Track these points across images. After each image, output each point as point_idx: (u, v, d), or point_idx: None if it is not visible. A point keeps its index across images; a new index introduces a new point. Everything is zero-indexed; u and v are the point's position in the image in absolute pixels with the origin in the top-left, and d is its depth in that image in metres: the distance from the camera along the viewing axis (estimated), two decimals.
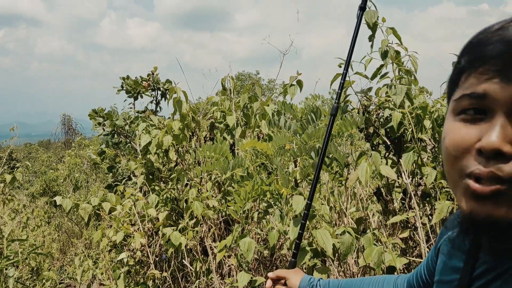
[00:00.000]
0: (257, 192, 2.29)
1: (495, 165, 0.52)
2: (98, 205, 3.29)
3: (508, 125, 0.53)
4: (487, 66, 0.55)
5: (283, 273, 1.29)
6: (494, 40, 0.55)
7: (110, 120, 4.92)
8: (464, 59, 0.59)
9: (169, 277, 3.08)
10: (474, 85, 0.56)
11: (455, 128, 0.58)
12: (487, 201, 0.53)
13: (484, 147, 0.53)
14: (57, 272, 5.36)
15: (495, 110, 0.54)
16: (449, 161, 0.59)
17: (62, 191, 8.95)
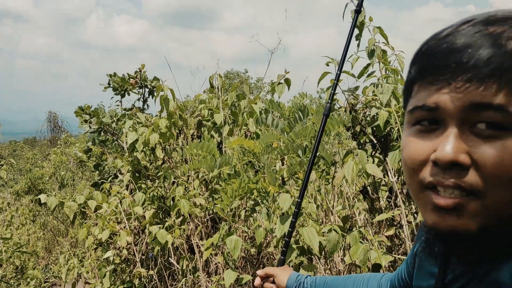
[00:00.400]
0: (244, 190, 2.29)
1: (452, 175, 0.52)
2: (84, 203, 3.26)
3: (462, 134, 0.52)
4: (435, 75, 0.54)
5: (271, 271, 1.29)
6: (441, 48, 0.54)
7: (97, 117, 4.87)
8: (414, 69, 0.58)
9: (155, 275, 3.06)
10: (425, 97, 0.55)
11: (411, 141, 0.58)
12: (449, 213, 0.53)
13: (439, 159, 0.52)
14: (42, 271, 5.30)
15: (447, 120, 0.53)
16: (408, 173, 0.59)
17: (48, 189, 8.85)
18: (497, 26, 0.52)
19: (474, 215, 0.52)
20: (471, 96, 0.50)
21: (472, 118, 0.51)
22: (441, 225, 0.54)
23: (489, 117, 0.50)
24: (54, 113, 17.92)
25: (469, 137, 0.52)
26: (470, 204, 0.52)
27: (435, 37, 0.56)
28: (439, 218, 0.54)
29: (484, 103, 0.50)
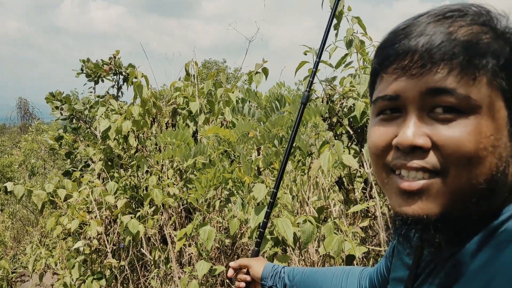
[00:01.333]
0: (219, 180, 2.25)
1: (414, 158, 0.55)
2: (53, 192, 3.16)
3: (421, 119, 0.55)
4: (393, 65, 0.57)
5: (246, 262, 1.26)
6: (398, 39, 0.57)
7: (68, 104, 4.73)
8: (375, 62, 0.61)
9: (127, 266, 3.00)
10: (386, 87, 0.58)
11: (375, 129, 0.61)
12: (414, 197, 0.55)
13: (400, 143, 0.55)
14: (10, 261, 5.15)
15: (407, 107, 0.56)
16: (373, 161, 0.62)
17: (17, 177, 8.59)
18: (448, 16, 0.56)
19: (438, 197, 0.54)
20: (426, 81, 0.54)
21: (429, 103, 0.54)
22: (406, 210, 0.56)
23: (444, 101, 0.53)
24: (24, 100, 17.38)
25: (428, 121, 0.55)
26: (433, 185, 0.54)
27: (394, 30, 0.60)
28: (404, 202, 0.56)
29: (439, 88, 0.53)
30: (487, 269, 0.52)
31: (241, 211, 2.24)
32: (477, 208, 0.55)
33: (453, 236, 0.57)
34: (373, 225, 2.35)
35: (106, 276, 2.90)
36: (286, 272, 1.18)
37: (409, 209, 0.56)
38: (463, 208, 0.55)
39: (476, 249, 0.54)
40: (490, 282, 0.50)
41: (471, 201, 0.55)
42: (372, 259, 2.35)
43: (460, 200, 0.54)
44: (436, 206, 0.54)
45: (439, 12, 0.57)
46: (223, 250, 2.82)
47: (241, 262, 1.26)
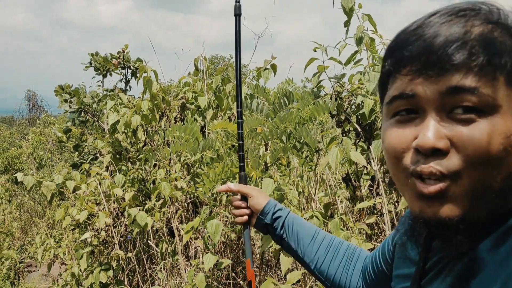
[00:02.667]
0: (227, 174, 2.27)
1: (434, 161, 0.54)
2: (62, 183, 3.19)
3: (440, 121, 0.54)
4: (408, 67, 0.56)
5: (247, 190, 1.15)
6: (412, 40, 0.56)
7: (77, 97, 4.76)
8: (387, 63, 0.60)
9: (133, 258, 3.03)
10: (401, 87, 0.57)
11: (391, 131, 0.59)
12: (433, 200, 0.55)
13: (421, 145, 0.54)
14: (17, 251, 5.22)
15: (425, 108, 0.55)
16: (391, 164, 0.60)
17: (25, 169, 8.67)
18: (461, 15, 0.55)
19: (456, 199, 0.54)
20: (445, 81, 0.53)
21: (449, 103, 0.54)
22: (427, 213, 0.55)
23: (465, 100, 0.52)
24: (33, 92, 17.49)
25: (447, 122, 0.54)
26: (451, 188, 0.54)
27: (405, 31, 0.58)
28: (424, 206, 0.56)
29: (458, 87, 0.52)
30: (505, 266, 0.52)
31: None
32: (496, 207, 0.55)
33: (472, 234, 0.56)
34: (379, 222, 2.36)
35: (113, 267, 2.93)
36: (287, 223, 1.10)
37: (430, 212, 0.55)
38: (483, 208, 0.55)
39: (494, 246, 0.54)
40: (509, 281, 0.50)
41: (491, 200, 0.54)
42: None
43: (480, 200, 0.54)
44: (457, 208, 0.54)
45: (450, 11, 0.56)
46: (229, 244, 2.84)
47: (241, 188, 1.17)
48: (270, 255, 2.83)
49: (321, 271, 1.03)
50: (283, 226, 1.09)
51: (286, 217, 1.10)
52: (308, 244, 1.06)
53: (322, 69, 2.30)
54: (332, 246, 1.05)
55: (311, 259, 1.05)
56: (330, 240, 1.06)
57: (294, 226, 1.08)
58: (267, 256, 2.86)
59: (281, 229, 1.09)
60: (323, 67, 2.28)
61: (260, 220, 1.12)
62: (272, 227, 1.11)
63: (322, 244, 1.05)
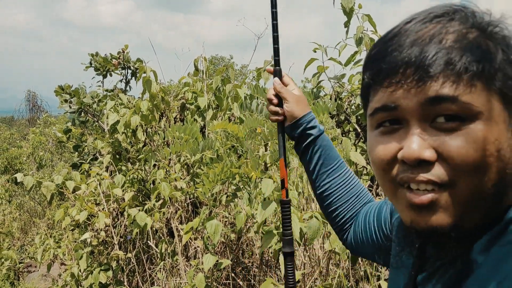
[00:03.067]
0: (226, 175, 2.27)
1: (421, 171, 0.54)
2: (62, 183, 3.19)
3: (424, 130, 0.54)
4: (388, 79, 0.55)
5: (285, 94, 1.06)
6: (389, 51, 0.56)
7: (77, 97, 4.77)
8: (367, 75, 0.60)
9: (133, 258, 3.03)
10: (383, 99, 0.57)
11: (376, 142, 0.59)
12: (424, 210, 0.55)
13: (406, 157, 0.54)
14: (17, 252, 5.22)
15: (408, 119, 0.55)
16: (379, 175, 0.60)
17: (25, 169, 8.67)
18: (436, 22, 0.55)
19: (448, 208, 0.54)
20: (425, 92, 0.52)
21: (430, 113, 0.53)
22: (419, 222, 0.56)
23: (446, 109, 0.52)
24: (33, 92, 17.50)
25: (431, 132, 0.54)
26: (442, 197, 0.53)
27: (382, 40, 0.58)
28: (416, 216, 0.56)
29: (438, 96, 0.52)
30: (499, 268, 0.52)
31: (248, 206, 2.26)
32: (489, 211, 0.55)
33: (465, 238, 0.57)
34: None
35: (112, 268, 2.93)
36: (317, 142, 1.02)
37: (422, 222, 0.55)
38: (475, 214, 0.55)
39: (487, 247, 0.54)
40: (503, 283, 0.51)
41: (483, 206, 0.54)
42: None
43: (471, 207, 0.54)
44: (448, 216, 0.54)
45: (425, 17, 0.56)
46: (228, 244, 2.84)
47: (283, 91, 1.06)
48: (270, 256, 2.83)
49: (324, 199, 1.02)
50: (308, 145, 1.03)
51: (315, 138, 1.03)
52: (324, 172, 1.02)
53: (321, 69, 2.30)
54: (347, 183, 1.01)
55: (322, 186, 1.02)
56: (347, 177, 1.02)
57: (319, 150, 1.02)
58: (266, 257, 2.86)
59: (306, 147, 1.03)
60: (322, 68, 2.28)
61: (288, 129, 1.06)
62: (298, 140, 1.05)
63: (338, 177, 1.01)
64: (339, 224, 1.01)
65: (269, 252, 2.78)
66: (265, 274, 2.79)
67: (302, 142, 1.04)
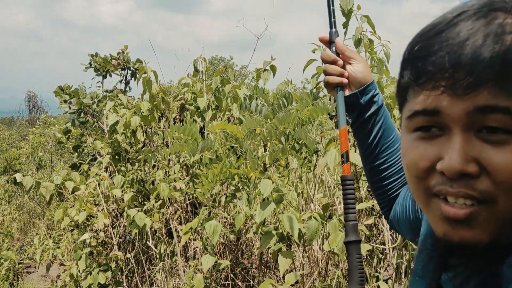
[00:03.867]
0: (226, 175, 2.27)
1: (461, 185, 0.49)
2: (61, 184, 3.19)
3: (468, 141, 0.49)
4: (432, 83, 0.49)
5: (352, 53, 0.94)
6: (434, 50, 0.49)
7: (77, 98, 4.77)
8: (406, 74, 0.54)
9: (132, 258, 3.03)
10: (424, 101, 0.51)
11: (413, 147, 0.54)
12: (460, 224, 0.50)
13: (447, 170, 0.49)
14: (16, 252, 5.21)
15: (451, 126, 0.50)
16: (412, 182, 0.56)
17: (25, 169, 8.67)
18: (491, 17, 0.48)
19: (486, 224, 0.50)
20: (474, 100, 0.47)
21: (477, 122, 0.48)
22: (452, 236, 0.52)
23: (496, 120, 0.47)
24: (33, 93, 17.50)
25: (476, 143, 0.48)
26: (481, 213, 0.49)
27: (426, 35, 0.52)
28: (450, 229, 0.52)
29: (489, 106, 0.46)
30: None
31: (247, 206, 2.26)
32: None
33: (495, 250, 0.53)
34: (377, 223, 2.36)
35: (111, 268, 2.93)
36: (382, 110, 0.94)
37: (455, 236, 0.51)
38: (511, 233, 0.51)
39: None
40: None
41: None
42: (376, 257, 2.37)
43: (510, 225, 0.50)
44: (485, 233, 0.50)
45: (479, 10, 0.48)
46: (228, 245, 2.84)
47: (347, 49, 0.95)
48: (269, 256, 2.83)
49: (377, 173, 0.95)
50: (372, 115, 0.93)
51: (380, 107, 0.93)
52: (384, 144, 0.94)
53: (321, 70, 2.30)
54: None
55: (378, 159, 0.95)
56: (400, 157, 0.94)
57: (381, 120, 0.93)
58: (266, 257, 2.86)
59: (370, 116, 0.93)
60: (321, 68, 2.29)
61: (353, 97, 0.93)
62: (362, 109, 0.93)
63: (394, 150, 0.94)
64: (386, 200, 0.96)
65: (268, 253, 2.78)
66: (264, 274, 2.79)
67: (366, 110, 0.92)
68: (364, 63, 0.93)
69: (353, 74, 0.92)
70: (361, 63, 0.92)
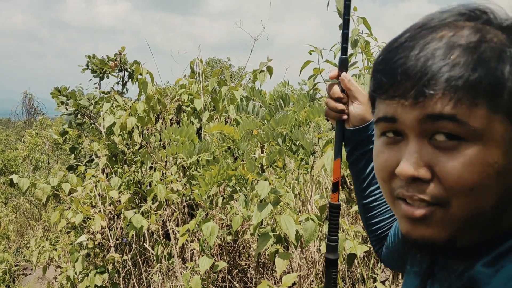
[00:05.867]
0: (223, 177, 2.26)
1: (416, 188, 0.53)
2: (58, 185, 3.18)
3: (421, 147, 0.53)
4: (388, 93, 0.54)
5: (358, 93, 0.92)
6: (392, 62, 0.54)
7: (74, 99, 4.75)
8: (371, 84, 0.58)
9: (129, 260, 3.02)
10: (384, 109, 0.56)
11: (380, 151, 0.59)
12: (418, 223, 0.54)
13: (400, 173, 0.53)
14: (12, 254, 5.19)
15: (407, 132, 0.54)
16: (381, 185, 0.60)
17: (21, 171, 8.64)
18: (446, 30, 0.52)
19: (442, 224, 0.53)
20: (424, 108, 0.51)
21: (429, 129, 0.52)
22: (413, 233, 0.56)
23: (444, 127, 0.51)
24: (30, 94, 17.44)
25: (428, 149, 0.53)
26: (435, 213, 0.53)
27: (388, 48, 0.56)
28: (411, 227, 0.56)
29: (436, 114, 0.50)
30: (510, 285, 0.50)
31: (244, 208, 2.26)
32: (487, 231, 0.55)
33: (465, 254, 0.57)
34: None
35: (108, 270, 2.92)
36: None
37: (416, 233, 0.55)
38: (471, 232, 0.54)
39: (493, 265, 0.53)
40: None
41: (479, 226, 0.54)
42: (373, 258, 2.37)
43: (466, 225, 0.53)
44: (441, 231, 0.54)
45: (436, 24, 0.53)
46: (225, 246, 2.84)
47: (356, 87, 0.92)
48: (266, 258, 2.83)
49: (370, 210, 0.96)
50: (366, 152, 0.94)
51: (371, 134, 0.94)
52: (376, 182, 0.93)
53: (317, 71, 2.30)
54: None
55: (371, 196, 0.95)
56: None
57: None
58: (263, 259, 2.85)
59: (364, 153, 0.94)
60: (318, 70, 2.29)
61: (350, 132, 0.94)
62: (357, 144, 0.94)
63: None
64: (380, 237, 0.97)
65: (266, 254, 2.78)
66: (262, 276, 2.79)
67: (361, 147, 0.94)
68: (366, 104, 0.91)
69: (354, 112, 0.92)
70: (363, 104, 0.92)
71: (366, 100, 0.90)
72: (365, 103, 0.91)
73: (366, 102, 0.91)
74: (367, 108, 0.91)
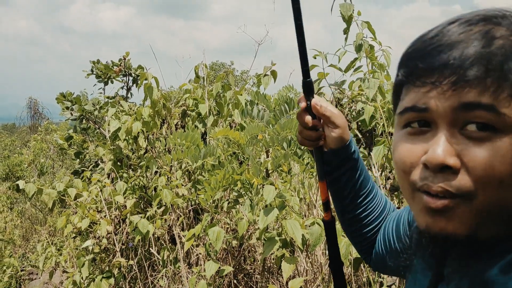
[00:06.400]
0: (228, 181, 2.27)
1: (442, 178, 0.52)
2: (64, 190, 3.20)
3: (452, 136, 0.52)
4: (422, 78, 0.54)
5: (331, 113, 0.84)
6: (427, 51, 0.54)
7: (79, 104, 4.78)
8: (401, 72, 0.58)
9: (135, 265, 3.03)
10: (414, 98, 0.55)
11: (402, 143, 0.58)
12: (440, 215, 0.53)
13: (429, 161, 0.52)
14: (18, 259, 5.21)
15: (437, 122, 0.53)
16: (400, 176, 0.59)
17: (26, 176, 8.68)
18: (481, 25, 0.52)
19: (464, 217, 0.52)
20: (460, 96, 0.50)
21: (462, 118, 0.51)
22: (432, 227, 0.54)
23: (479, 116, 0.50)
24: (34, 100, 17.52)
25: (459, 139, 0.52)
26: (459, 206, 0.52)
27: (421, 38, 0.56)
28: (431, 220, 0.54)
29: (473, 103, 0.49)
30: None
31: (249, 212, 2.26)
32: (509, 228, 0.53)
33: (483, 252, 0.55)
34: None
35: (114, 275, 2.93)
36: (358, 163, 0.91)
37: (436, 227, 0.54)
38: (493, 227, 0.53)
39: (509, 269, 0.52)
40: None
41: (502, 221, 0.53)
42: None
43: (489, 219, 0.52)
44: (463, 225, 0.52)
45: (470, 19, 0.53)
46: (230, 251, 2.84)
47: (329, 110, 0.84)
48: (272, 262, 2.83)
49: (353, 224, 0.95)
50: (347, 171, 0.90)
51: (356, 162, 0.90)
52: (360, 196, 0.92)
53: (322, 76, 2.31)
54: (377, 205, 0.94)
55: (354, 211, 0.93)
56: (378, 198, 0.95)
57: (357, 174, 0.90)
58: (268, 263, 2.86)
59: (345, 172, 0.90)
60: (323, 74, 2.29)
61: (330, 154, 0.88)
62: (338, 165, 0.89)
63: (370, 200, 0.93)
64: (368, 245, 0.96)
65: (271, 259, 2.78)
66: (267, 280, 2.78)
67: (341, 167, 0.89)
68: (343, 125, 0.86)
69: (331, 136, 0.86)
70: (340, 127, 0.85)
71: (344, 121, 0.86)
72: (342, 125, 0.85)
73: (343, 123, 0.86)
74: (344, 130, 0.86)
